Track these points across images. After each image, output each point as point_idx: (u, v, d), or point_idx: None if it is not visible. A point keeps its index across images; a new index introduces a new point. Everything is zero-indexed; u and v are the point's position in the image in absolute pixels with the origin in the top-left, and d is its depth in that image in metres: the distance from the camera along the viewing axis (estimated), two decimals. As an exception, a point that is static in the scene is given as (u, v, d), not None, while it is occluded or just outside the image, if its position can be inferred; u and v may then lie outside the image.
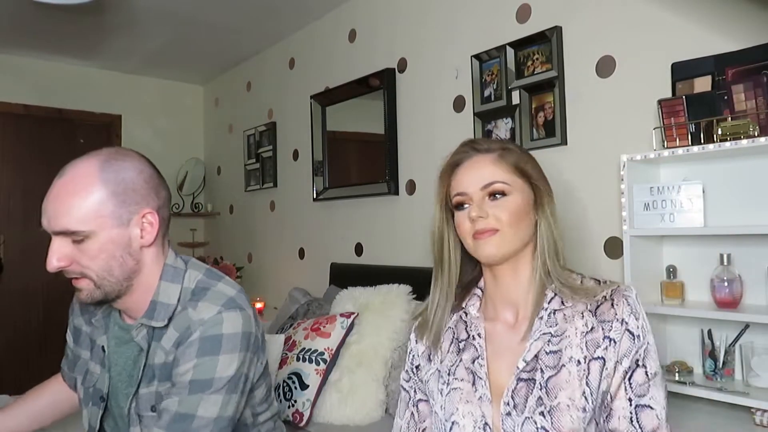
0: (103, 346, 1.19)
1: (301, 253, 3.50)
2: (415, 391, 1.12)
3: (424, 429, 1.10)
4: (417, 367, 1.12)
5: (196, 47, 3.83)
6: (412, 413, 1.12)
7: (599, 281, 1.00)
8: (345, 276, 2.89)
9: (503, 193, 0.97)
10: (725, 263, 1.54)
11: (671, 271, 1.67)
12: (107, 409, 1.20)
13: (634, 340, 0.93)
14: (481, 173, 0.99)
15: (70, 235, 1.02)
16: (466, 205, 0.99)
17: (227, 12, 3.23)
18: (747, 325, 1.52)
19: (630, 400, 0.92)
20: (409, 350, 1.15)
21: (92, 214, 1.03)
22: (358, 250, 3.03)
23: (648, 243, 1.70)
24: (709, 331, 1.59)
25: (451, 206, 1.03)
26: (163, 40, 3.67)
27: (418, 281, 2.31)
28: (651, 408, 0.92)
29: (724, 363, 1.56)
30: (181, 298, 1.13)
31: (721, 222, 1.61)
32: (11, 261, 3.89)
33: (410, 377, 1.14)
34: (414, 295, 2.27)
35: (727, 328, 1.57)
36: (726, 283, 1.53)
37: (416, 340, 1.13)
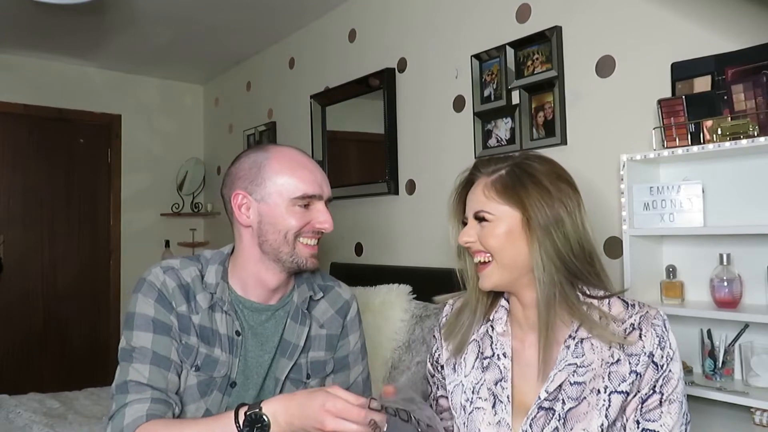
0: (237, 331, 1.17)
1: (301, 253, 3.50)
2: (437, 387, 1.14)
3: (444, 427, 1.09)
4: (442, 366, 1.11)
5: (196, 47, 3.83)
6: (431, 405, 1.13)
7: (627, 303, 0.98)
8: (345, 276, 2.86)
9: (486, 220, 0.98)
10: (725, 263, 1.54)
11: (671, 270, 1.67)
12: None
13: (657, 370, 0.93)
14: (473, 199, 1.01)
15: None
16: None
17: (227, 12, 3.23)
18: (746, 325, 1.52)
19: (637, 422, 0.92)
20: (435, 346, 1.15)
21: None
22: (358, 250, 3.03)
23: (648, 243, 1.70)
24: (709, 331, 1.59)
25: None
26: (163, 40, 3.67)
27: (418, 281, 2.31)
28: None
29: (723, 363, 1.56)
30: (314, 280, 1.28)
31: (721, 222, 1.61)
32: (11, 261, 3.88)
33: (434, 374, 1.15)
34: (414, 295, 2.27)
35: (726, 327, 1.57)
36: (726, 283, 1.53)
37: (442, 339, 1.12)
